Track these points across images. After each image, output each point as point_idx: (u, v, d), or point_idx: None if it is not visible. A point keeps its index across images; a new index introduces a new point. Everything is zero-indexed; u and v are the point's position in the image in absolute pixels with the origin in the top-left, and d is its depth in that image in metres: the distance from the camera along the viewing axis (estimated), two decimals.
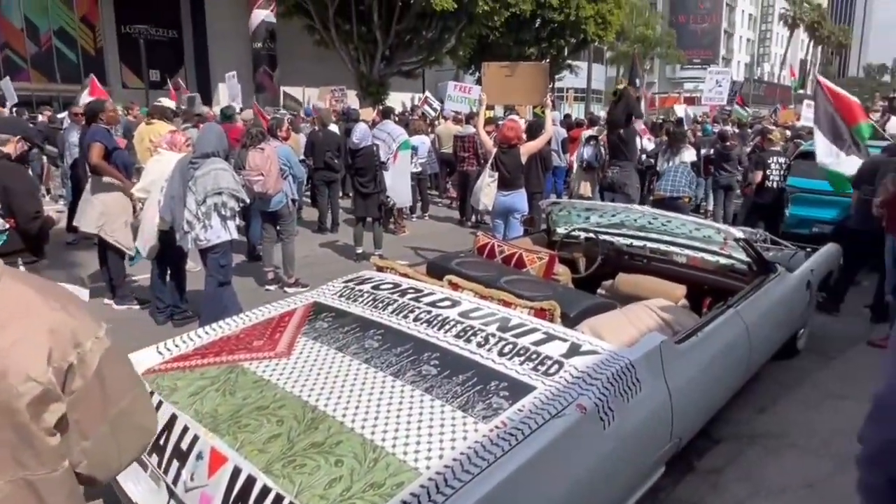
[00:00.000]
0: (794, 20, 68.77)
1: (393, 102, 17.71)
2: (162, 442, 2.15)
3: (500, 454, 1.84)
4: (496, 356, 2.37)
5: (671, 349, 2.64)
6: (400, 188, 7.67)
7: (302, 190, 8.31)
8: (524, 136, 6.45)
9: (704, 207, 10.26)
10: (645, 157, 9.58)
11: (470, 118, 10.63)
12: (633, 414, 2.27)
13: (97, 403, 1.05)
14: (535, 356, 2.36)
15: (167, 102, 7.36)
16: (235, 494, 1.85)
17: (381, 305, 2.88)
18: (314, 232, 8.77)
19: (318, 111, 10.71)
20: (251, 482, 1.84)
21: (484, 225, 8.24)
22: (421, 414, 2.06)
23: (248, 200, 4.79)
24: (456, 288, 3.08)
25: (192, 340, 2.74)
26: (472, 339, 2.50)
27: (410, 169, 8.36)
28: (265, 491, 1.79)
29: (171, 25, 25.05)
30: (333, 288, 3.23)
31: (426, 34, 21.24)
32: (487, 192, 5.79)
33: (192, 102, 12.55)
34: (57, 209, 3.48)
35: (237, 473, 1.89)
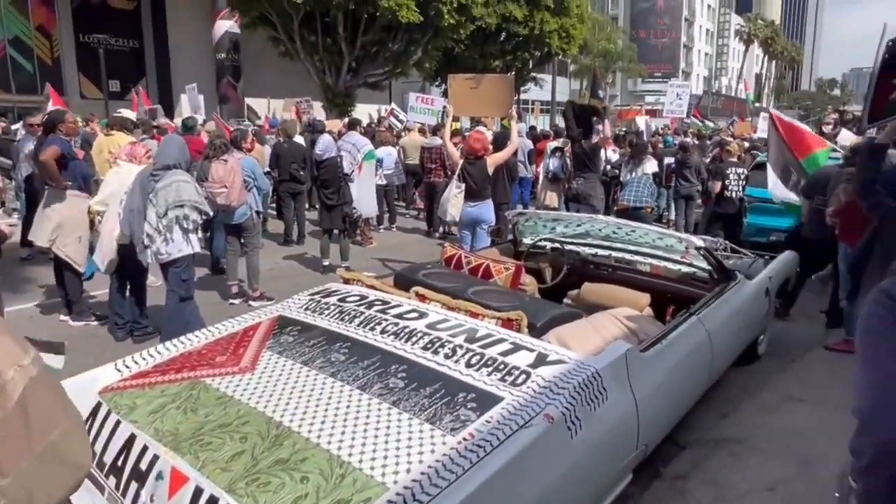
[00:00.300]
0: (749, 36, 71.38)
1: (359, 114, 17.62)
2: (120, 463, 2.08)
3: (468, 466, 1.83)
4: (463, 367, 2.37)
5: (636, 357, 2.68)
6: (365, 199, 7.65)
7: (267, 202, 8.21)
8: (490, 147, 6.50)
9: (667, 217, 10.48)
10: (609, 167, 9.75)
11: (436, 130, 10.67)
12: (600, 422, 2.29)
13: (19, 437, 0.95)
14: (502, 367, 2.36)
15: (128, 113, 7.22)
16: None
17: (347, 318, 2.85)
18: (280, 244, 8.66)
19: (283, 122, 10.61)
20: (213, 502, 1.79)
21: (451, 236, 8.25)
22: (388, 427, 2.03)
23: (210, 213, 4.70)
24: (423, 299, 3.07)
25: (152, 357, 2.66)
26: (439, 350, 2.49)
27: (375, 181, 8.34)
28: None
29: (131, 35, 24.51)
30: (299, 301, 3.19)
31: (392, 46, 21.25)
32: (454, 203, 5.81)
33: (154, 114, 12.30)
34: (10, 222, 3.34)
35: (199, 493, 1.83)
